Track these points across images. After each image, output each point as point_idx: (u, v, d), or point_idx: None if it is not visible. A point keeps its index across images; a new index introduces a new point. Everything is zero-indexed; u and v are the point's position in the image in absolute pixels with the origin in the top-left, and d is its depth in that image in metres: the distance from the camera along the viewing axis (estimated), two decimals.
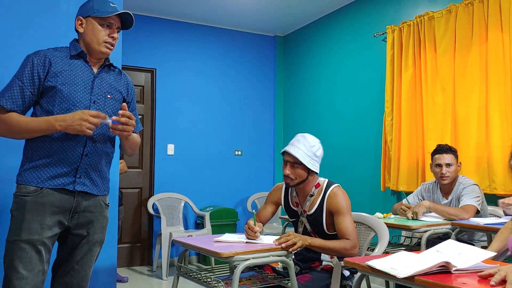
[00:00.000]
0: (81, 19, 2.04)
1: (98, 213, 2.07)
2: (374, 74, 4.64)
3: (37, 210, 1.88)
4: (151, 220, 5.37)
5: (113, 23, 2.06)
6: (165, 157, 5.43)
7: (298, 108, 5.88)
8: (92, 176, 2.01)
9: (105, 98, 2.07)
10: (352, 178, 4.81)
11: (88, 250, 2.05)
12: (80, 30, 2.04)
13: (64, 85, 1.95)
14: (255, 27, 5.89)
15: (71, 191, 1.95)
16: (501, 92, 3.37)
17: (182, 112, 5.55)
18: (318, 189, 2.54)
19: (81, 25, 2.04)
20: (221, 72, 5.82)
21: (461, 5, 3.64)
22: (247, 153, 5.95)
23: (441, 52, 3.81)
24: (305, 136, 2.53)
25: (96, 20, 2.03)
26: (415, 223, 2.90)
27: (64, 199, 1.94)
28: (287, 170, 2.49)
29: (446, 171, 3.19)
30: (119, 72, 2.21)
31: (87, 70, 2.04)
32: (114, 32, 2.07)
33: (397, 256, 1.65)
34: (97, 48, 2.03)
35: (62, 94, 1.94)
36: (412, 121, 4.09)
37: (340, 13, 5.17)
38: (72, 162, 1.95)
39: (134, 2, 4.95)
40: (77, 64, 2.02)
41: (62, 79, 1.95)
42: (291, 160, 2.47)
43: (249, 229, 2.33)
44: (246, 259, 2.07)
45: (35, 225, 1.87)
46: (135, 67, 5.32)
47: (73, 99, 1.96)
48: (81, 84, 2.00)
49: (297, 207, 2.63)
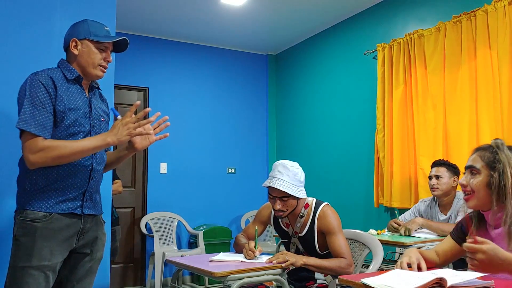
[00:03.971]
0: (76, 41, 2.00)
1: (100, 230, 2.09)
2: (365, 91, 4.68)
3: (47, 236, 1.86)
4: (144, 239, 5.33)
5: (108, 47, 2.05)
6: (158, 176, 5.41)
7: (291, 126, 5.90)
8: (94, 198, 2.04)
9: (100, 121, 2.08)
10: (346, 195, 4.81)
11: (90, 268, 2.05)
12: (75, 52, 2.01)
13: (71, 110, 1.94)
14: (247, 45, 5.94)
15: (79, 215, 1.96)
16: (490, 108, 3.41)
17: (175, 131, 5.54)
18: (308, 209, 2.53)
19: (75, 47, 2.01)
20: (214, 90, 5.85)
21: (450, 23, 3.70)
22: (240, 171, 5.94)
23: (431, 69, 3.86)
24: (285, 165, 2.45)
25: (92, 43, 2.00)
26: (409, 239, 2.90)
27: (72, 223, 1.94)
28: (278, 205, 2.42)
29: (435, 182, 3.24)
30: (99, 93, 2.21)
31: (83, 95, 2.03)
32: (109, 55, 2.06)
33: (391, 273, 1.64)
34: (93, 72, 2.02)
35: (70, 120, 1.93)
36: (404, 137, 4.11)
37: (331, 32, 5.23)
38: (80, 186, 1.96)
39: (127, 22, 4.98)
40: (73, 88, 2.00)
41: (68, 104, 1.93)
42: (279, 195, 2.41)
43: (249, 250, 2.31)
44: (240, 278, 2.05)
45: (45, 251, 1.85)
46: (127, 86, 5.34)
47: (77, 125, 1.96)
48: (82, 109, 1.99)
49: (288, 228, 2.61)
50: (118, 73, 4.13)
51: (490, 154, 1.66)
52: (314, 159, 5.28)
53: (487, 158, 1.67)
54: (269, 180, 2.43)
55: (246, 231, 2.70)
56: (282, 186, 2.37)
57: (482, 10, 3.46)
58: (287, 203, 2.42)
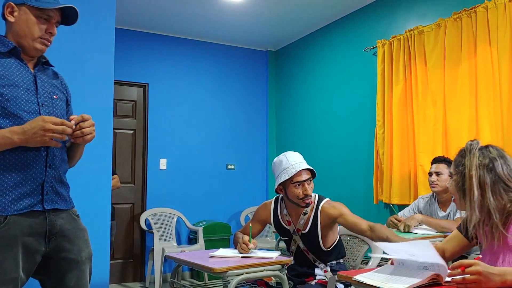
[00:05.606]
0: (12, 5, 1.68)
1: (75, 228, 1.78)
2: (365, 88, 4.67)
3: (7, 246, 1.55)
4: (143, 235, 5.33)
5: (52, 16, 1.73)
6: (157, 172, 5.41)
7: (291, 122, 5.90)
8: (58, 190, 1.73)
9: (52, 99, 1.77)
10: (345, 191, 4.82)
11: (80, 271, 1.77)
12: (10, 20, 1.68)
13: (5, 87, 1.61)
14: (247, 41, 5.93)
15: (41, 212, 1.65)
16: (490, 105, 3.41)
17: (174, 127, 5.55)
18: (311, 205, 2.53)
19: (11, 13, 1.68)
20: (214, 86, 5.84)
21: (450, 19, 3.70)
22: (240, 167, 5.94)
23: (431, 66, 3.85)
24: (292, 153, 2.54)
25: (32, 10, 1.68)
26: (408, 236, 2.91)
27: (35, 223, 1.63)
28: (309, 189, 2.44)
29: (435, 179, 3.26)
30: (53, 71, 1.90)
31: (24, 70, 1.71)
32: (53, 27, 1.74)
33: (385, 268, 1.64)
34: (30, 44, 1.70)
35: (5, 99, 1.61)
36: (404, 134, 4.11)
37: (331, 28, 5.22)
38: (36, 177, 1.64)
39: (126, 18, 4.97)
40: (10, 62, 1.68)
41: (1, 81, 1.61)
42: (307, 177, 2.45)
43: (243, 244, 2.32)
44: (240, 274, 2.06)
45: (8, 263, 1.54)
46: (127, 82, 5.33)
47: (19, 103, 1.63)
48: (23, 85, 1.67)
49: (289, 226, 2.60)
50: (118, 69, 4.11)
51: (460, 158, 1.71)
52: (313, 156, 5.28)
53: (457, 161, 1.72)
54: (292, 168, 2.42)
55: (244, 229, 2.70)
56: (308, 166, 2.44)
57: (482, 6, 3.46)
58: (311, 186, 2.47)
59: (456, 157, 1.73)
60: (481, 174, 1.62)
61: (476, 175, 1.62)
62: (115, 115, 5.13)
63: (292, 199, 2.48)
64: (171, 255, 2.42)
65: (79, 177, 2.98)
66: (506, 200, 1.60)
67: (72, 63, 2.93)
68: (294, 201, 2.48)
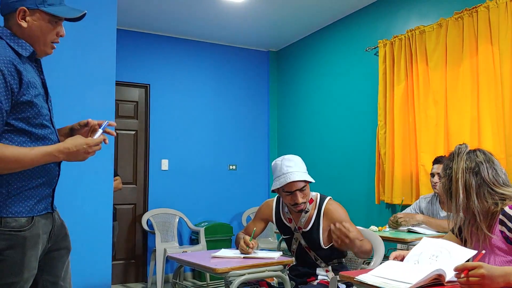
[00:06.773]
0: (25, 10, 1.62)
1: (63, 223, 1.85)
2: (366, 88, 4.67)
3: (35, 244, 1.63)
4: (145, 236, 5.34)
5: (61, 18, 1.71)
6: (159, 173, 5.41)
7: (292, 122, 5.90)
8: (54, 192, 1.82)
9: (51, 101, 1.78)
10: (347, 192, 4.82)
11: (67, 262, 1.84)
12: (23, 25, 1.63)
13: (36, 97, 1.62)
14: (248, 42, 5.93)
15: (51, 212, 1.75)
16: (492, 104, 3.40)
17: (176, 127, 5.55)
18: (312, 204, 2.54)
19: (23, 18, 1.63)
20: (215, 87, 5.84)
21: (451, 19, 3.69)
22: (241, 167, 5.94)
23: (432, 66, 3.85)
24: (288, 158, 2.50)
25: (46, 15, 1.65)
26: (410, 236, 2.91)
27: (48, 223, 1.72)
28: (300, 198, 2.43)
29: (437, 180, 3.24)
30: None
31: (36, 74, 1.70)
32: (62, 28, 1.73)
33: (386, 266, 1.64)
34: (42, 49, 1.69)
35: (37, 108, 1.62)
36: (405, 134, 4.11)
37: (332, 28, 5.22)
38: (52, 183, 1.73)
39: (127, 18, 4.98)
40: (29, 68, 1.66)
41: (33, 90, 1.60)
42: (299, 186, 2.43)
43: (244, 244, 2.32)
44: (241, 275, 2.06)
45: (33, 260, 1.63)
46: (128, 83, 5.33)
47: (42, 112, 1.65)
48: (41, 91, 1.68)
49: (291, 223, 2.61)
50: (119, 70, 4.12)
51: (448, 161, 1.75)
52: (315, 156, 5.28)
53: (445, 164, 1.76)
54: (283, 178, 2.41)
55: (246, 229, 2.71)
56: (300, 176, 2.40)
57: (483, 6, 3.45)
58: (305, 193, 2.46)
59: (445, 161, 1.78)
60: (467, 178, 1.67)
61: (462, 178, 1.67)
62: (117, 116, 5.14)
63: (286, 204, 2.57)
64: (173, 256, 2.43)
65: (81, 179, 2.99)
66: (490, 203, 1.65)
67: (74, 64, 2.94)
68: (288, 206, 2.56)
